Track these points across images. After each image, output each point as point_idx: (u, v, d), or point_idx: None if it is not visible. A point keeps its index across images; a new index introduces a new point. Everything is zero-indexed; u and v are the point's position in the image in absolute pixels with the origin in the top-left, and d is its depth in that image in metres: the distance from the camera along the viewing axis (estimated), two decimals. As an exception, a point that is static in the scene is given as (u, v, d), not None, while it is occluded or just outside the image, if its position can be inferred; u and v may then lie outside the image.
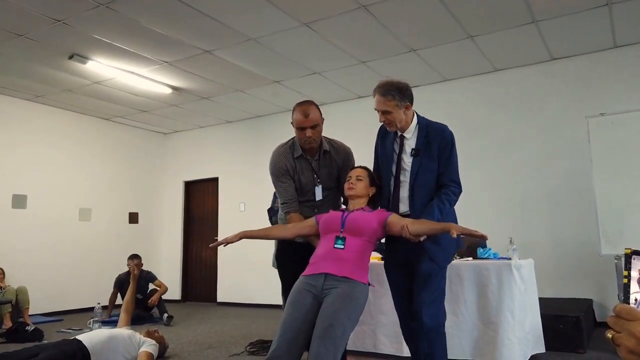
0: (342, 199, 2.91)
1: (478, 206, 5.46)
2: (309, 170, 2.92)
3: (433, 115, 6.47)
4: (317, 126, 2.80)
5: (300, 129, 2.80)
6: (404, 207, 2.60)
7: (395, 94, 2.54)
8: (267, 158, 5.03)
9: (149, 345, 3.59)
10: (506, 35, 5.03)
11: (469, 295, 3.47)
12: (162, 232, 8.83)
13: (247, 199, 7.92)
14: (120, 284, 6.18)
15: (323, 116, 2.89)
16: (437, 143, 2.58)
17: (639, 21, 4.78)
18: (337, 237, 2.45)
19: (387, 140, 2.75)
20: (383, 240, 2.74)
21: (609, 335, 0.73)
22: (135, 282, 4.19)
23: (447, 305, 2.69)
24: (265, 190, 7.91)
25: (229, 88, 6.59)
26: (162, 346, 3.88)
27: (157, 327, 4.64)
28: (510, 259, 3.55)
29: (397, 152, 2.66)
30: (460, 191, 2.60)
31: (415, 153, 2.59)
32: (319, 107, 2.87)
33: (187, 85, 6.40)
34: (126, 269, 6.24)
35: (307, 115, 2.76)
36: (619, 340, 0.71)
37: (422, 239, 2.39)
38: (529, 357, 3.50)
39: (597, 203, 4.56)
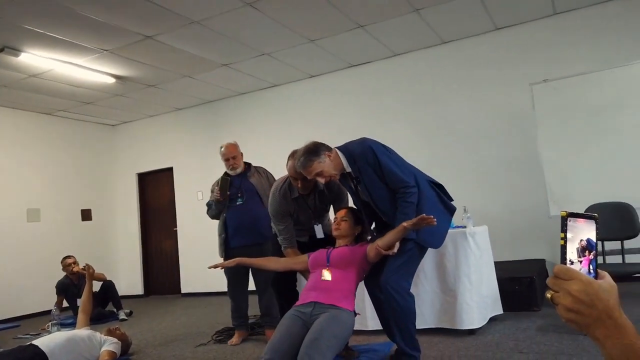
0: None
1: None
2: (306, 208, 3.28)
3: (385, 89, 6.53)
4: (307, 179, 3.00)
5: (293, 178, 3.12)
6: (382, 218, 2.89)
7: (312, 156, 2.76)
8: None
9: (110, 344, 3.50)
10: (450, 7, 5.07)
11: (427, 266, 3.55)
12: (118, 227, 8.58)
13: (204, 187, 7.75)
14: (64, 289, 5.96)
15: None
16: (365, 164, 2.77)
17: (575, -12, 4.92)
18: (324, 270, 2.74)
19: (345, 180, 2.98)
20: (373, 226, 3.04)
21: (548, 295, 0.75)
22: (91, 281, 4.06)
23: (407, 277, 2.78)
24: (222, 177, 7.82)
25: (176, 74, 6.39)
26: (125, 343, 3.79)
27: (119, 324, 4.53)
28: (465, 227, 3.65)
29: (354, 186, 2.90)
30: (410, 186, 2.74)
31: (357, 181, 2.84)
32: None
33: (130, 73, 6.15)
34: (62, 273, 6.03)
35: (297, 171, 2.96)
36: (557, 300, 0.74)
37: (396, 248, 2.64)
38: (488, 319, 3.64)
39: (544, 167, 4.74)
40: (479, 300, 3.51)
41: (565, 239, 0.75)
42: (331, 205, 3.40)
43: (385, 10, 5.03)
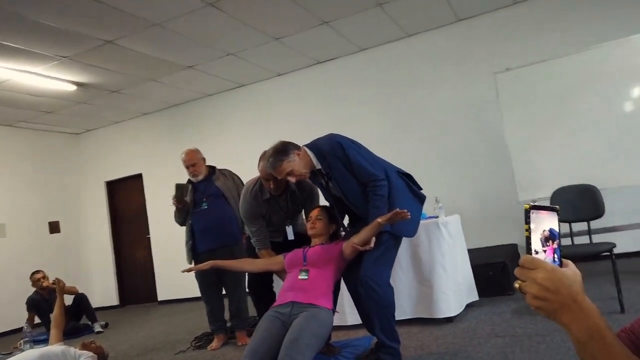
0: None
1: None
2: (278, 209, 3.26)
3: (353, 84, 6.55)
4: (278, 179, 2.97)
5: (265, 179, 3.09)
6: (355, 211, 2.92)
7: (281, 156, 2.74)
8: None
9: (85, 358, 3.40)
10: (412, 0, 5.12)
11: (403, 257, 3.57)
12: (89, 238, 8.37)
13: (175, 192, 7.65)
14: (35, 305, 5.80)
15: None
16: (334, 160, 2.78)
17: (531, -23, 5.02)
18: (301, 270, 2.74)
19: (315, 178, 2.95)
20: (347, 222, 3.04)
21: (517, 285, 0.79)
22: (62, 295, 3.93)
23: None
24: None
25: (140, 78, 6.26)
26: (101, 356, 3.68)
27: (94, 337, 4.43)
28: (437, 217, 3.69)
29: (324, 182, 2.90)
30: (379, 179, 2.75)
31: (328, 177, 2.81)
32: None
33: (92, 79, 5.99)
34: (32, 289, 5.86)
35: (269, 172, 2.93)
36: (525, 289, 0.77)
37: (372, 243, 2.68)
38: (464, 306, 3.70)
39: (511, 153, 4.82)
40: (454, 288, 3.56)
41: (529, 230, 0.79)
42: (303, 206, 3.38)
43: (348, 5, 5.03)
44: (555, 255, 0.81)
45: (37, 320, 5.87)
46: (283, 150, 2.76)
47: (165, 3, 4.37)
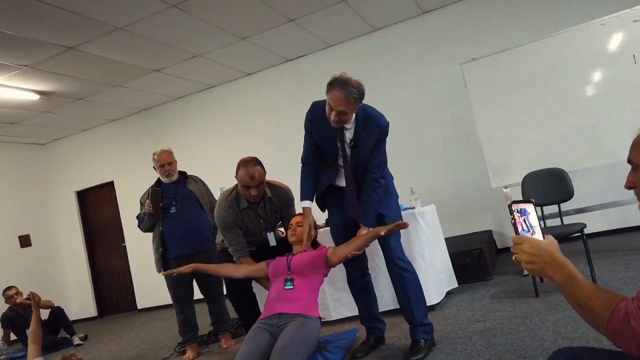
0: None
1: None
2: (255, 217, 3.18)
3: (323, 80, 6.47)
4: (261, 184, 3.00)
5: (245, 187, 2.99)
6: (348, 183, 2.80)
7: (357, 98, 2.56)
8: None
9: (66, 372, 3.33)
10: (377, -6, 5.16)
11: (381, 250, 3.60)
12: (62, 250, 8.17)
13: (149, 198, 7.53)
14: (10, 322, 5.66)
15: (265, 170, 3.06)
16: (375, 136, 2.69)
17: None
18: (286, 280, 2.71)
19: (321, 123, 2.73)
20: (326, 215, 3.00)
21: (514, 258, 1.12)
22: (38, 309, 3.83)
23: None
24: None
25: (105, 84, 6.12)
26: (83, 369, 3.61)
27: (74, 350, 4.33)
28: (414, 208, 3.74)
29: (338, 141, 2.70)
30: (383, 176, 2.75)
31: (353, 145, 2.69)
32: (260, 165, 3.03)
33: (56, 87, 5.83)
34: (6, 306, 5.72)
35: (253, 178, 2.95)
36: (519, 258, 1.10)
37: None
38: (444, 294, 3.76)
39: (482, 142, 4.90)
40: (434, 277, 3.61)
41: (514, 219, 1.13)
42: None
43: (313, 2, 5.03)
44: (526, 225, 1.14)
45: (13, 336, 5.72)
46: (363, 95, 2.58)
47: (127, 6, 4.28)
